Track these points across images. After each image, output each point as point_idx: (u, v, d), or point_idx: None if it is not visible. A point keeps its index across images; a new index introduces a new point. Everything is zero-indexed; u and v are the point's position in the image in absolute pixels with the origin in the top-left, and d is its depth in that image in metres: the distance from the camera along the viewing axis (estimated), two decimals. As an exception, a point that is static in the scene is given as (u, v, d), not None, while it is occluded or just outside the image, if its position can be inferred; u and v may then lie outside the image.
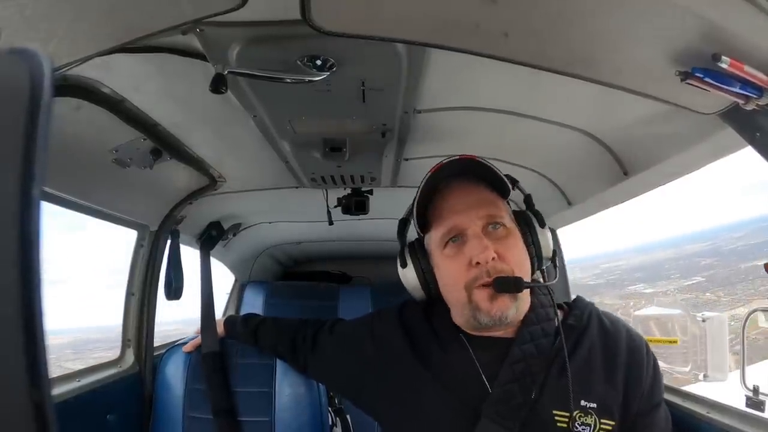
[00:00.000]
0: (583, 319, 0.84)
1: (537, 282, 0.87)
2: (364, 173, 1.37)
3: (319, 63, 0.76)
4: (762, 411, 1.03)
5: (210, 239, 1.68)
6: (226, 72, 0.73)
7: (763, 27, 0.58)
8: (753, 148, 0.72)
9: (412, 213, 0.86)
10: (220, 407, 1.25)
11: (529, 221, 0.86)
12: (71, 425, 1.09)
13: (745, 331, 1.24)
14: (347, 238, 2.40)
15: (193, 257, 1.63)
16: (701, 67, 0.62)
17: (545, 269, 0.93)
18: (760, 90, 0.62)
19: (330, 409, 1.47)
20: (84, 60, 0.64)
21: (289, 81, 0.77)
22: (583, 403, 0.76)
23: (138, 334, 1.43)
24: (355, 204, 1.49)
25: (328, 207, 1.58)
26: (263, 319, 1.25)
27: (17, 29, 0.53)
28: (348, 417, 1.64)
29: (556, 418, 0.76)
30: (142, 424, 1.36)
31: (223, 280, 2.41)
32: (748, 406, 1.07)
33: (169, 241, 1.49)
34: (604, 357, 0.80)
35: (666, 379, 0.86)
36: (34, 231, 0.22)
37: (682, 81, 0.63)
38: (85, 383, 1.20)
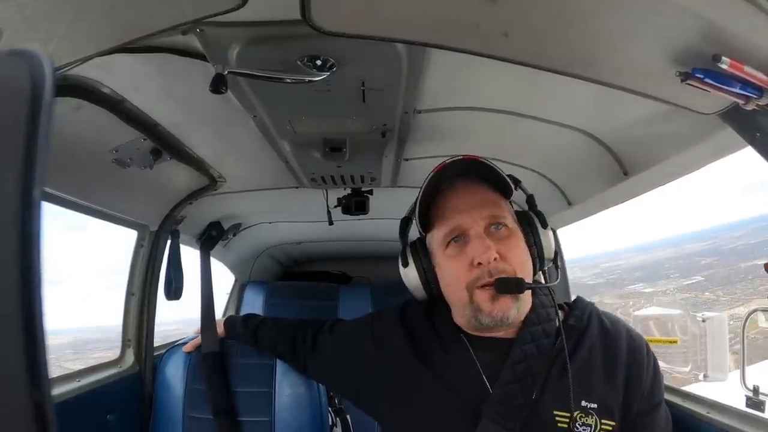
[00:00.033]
0: (583, 319, 0.84)
1: (538, 283, 0.87)
2: (364, 173, 1.37)
3: (319, 63, 0.76)
4: (762, 411, 1.03)
5: (210, 239, 1.68)
6: (226, 72, 0.73)
7: (763, 27, 0.58)
8: (753, 148, 0.72)
9: (414, 212, 0.86)
10: (220, 407, 1.25)
11: (531, 222, 0.86)
12: (71, 425, 1.09)
13: (745, 331, 1.24)
14: (347, 238, 2.40)
15: (193, 257, 1.63)
16: (701, 67, 0.62)
17: (546, 270, 0.93)
18: (760, 90, 0.62)
19: (330, 409, 1.47)
20: (84, 60, 0.64)
21: (289, 81, 0.77)
22: (583, 403, 0.76)
23: (138, 334, 1.43)
24: (355, 204, 1.49)
25: (328, 207, 1.58)
26: (263, 320, 1.25)
27: (17, 29, 0.53)
28: (348, 417, 1.64)
29: (557, 418, 0.76)
30: (142, 424, 1.36)
31: (223, 280, 2.41)
32: (748, 406, 1.07)
33: (169, 241, 1.49)
34: (604, 357, 0.80)
35: (666, 379, 0.87)
36: (35, 231, 0.22)
37: (683, 81, 0.63)
38: (85, 383, 1.20)
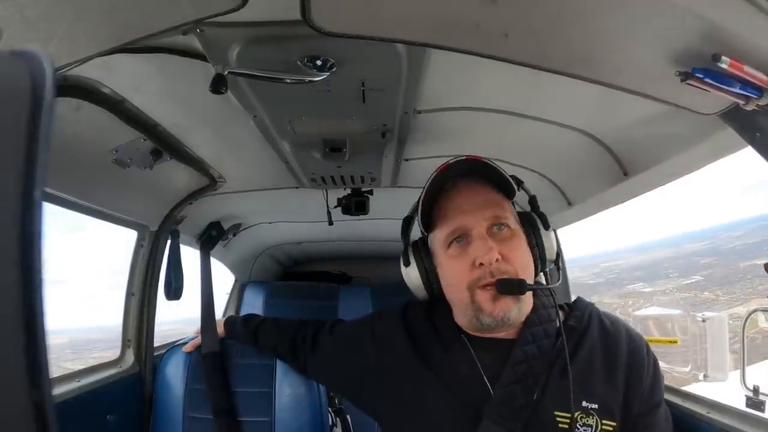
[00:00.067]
0: (583, 320, 0.84)
1: (540, 284, 0.87)
2: (364, 173, 1.37)
3: (319, 63, 0.76)
4: (762, 411, 1.03)
5: (210, 239, 1.68)
6: (226, 72, 0.73)
7: (763, 27, 0.58)
8: (753, 148, 0.72)
9: (417, 212, 0.86)
10: (220, 407, 1.25)
11: (533, 223, 0.86)
12: (71, 425, 1.09)
13: (745, 331, 1.23)
14: (347, 239, 2.40)
15: (193, 257, 1.63)
16: (701, 67, 0.62)
17: (548, 271, 0.93)
18: (760, 90, 0.62)
19: (330, 409, 1.47)
20: (84, 60, 0.64)
21: (289, 81, 0.77)
22: (584, 404, 0.76)
23: (138, 335, 1.43)
24: (355, 204, 1.49)
25: (328, 207, 1.58)
26: (263, 320, 1.25)
27: (18, 29, 0.53)
28: (348, 417, 1.64)
29: (558, 419, 0.76)
30: (142, 424, 1.36)
31: (223, 280, 2.41)
32: (748, 406, 1.07)
33: (169, 242, 1.49)
34: (604, 358, 0.80)
35: (666, 379, 0.86)
36: (36, 231, 0.22)
37: (682, 81, 0.63)
38: (85, 383, 1.20)
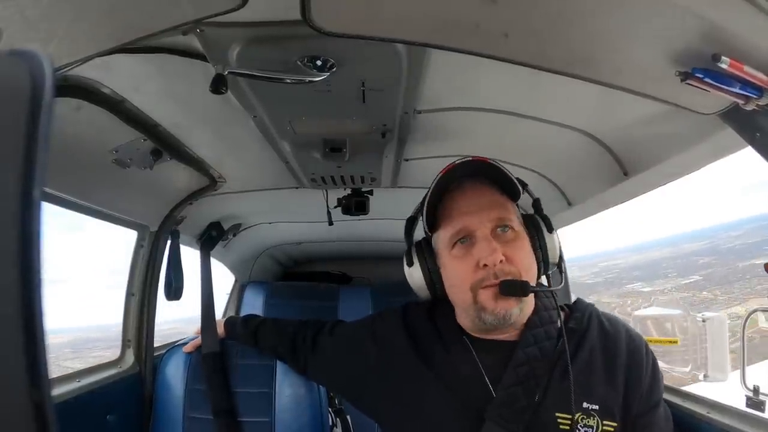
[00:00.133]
0: (583, 321, 0.84)
1: (543, 286, 0.87)
2: (364, 174, 1.37)
3: (319, 63, 0.76)
4: (762, 411, 1.03)
5: (210, 239, 1.68)
6: (226, 72, 0.73)
7: (763, 27, 0.58)
8: (753, 148, 0.72)
9: (421, 212, 0.86)
10: (220, 408, 1.25)
11: (537, 225, 0.86)
12: (71, 425, 1.09)
13: (745, 330, 1.23)
14: (347, 239, 2.40)
15: (193, 258, 1.63)
16: (701, 67, 0.62)
17: (550, 273, 0.93)
18: (760, 90, 0.62)
19: (330, 409, 1.47)
20: (84, 60, 0.64)
21: (289, 81, 0.77)
22: (585, 405, 0.76)
23: (138, 335, 1.43)
24: (355, 204, 1.49)
25: (328, 207, 1.58)
26: (263, 320, 1.25)
27: (18, 29, 0.53)
28: (348, 417, 1.63)
29: (559, 420, 0.76)
30: (142, 424, 1.36)
31: (223, 280, 2.41)
32: (748, 406, 1.07)
33: (169, 242, 1.49)
34: (604, 359, 0.80)
35: (666, 379, 0.87)
36: (35, 231, 0.22)
37: (682, 81, 0.63)
38: (85, 383, 1.20)
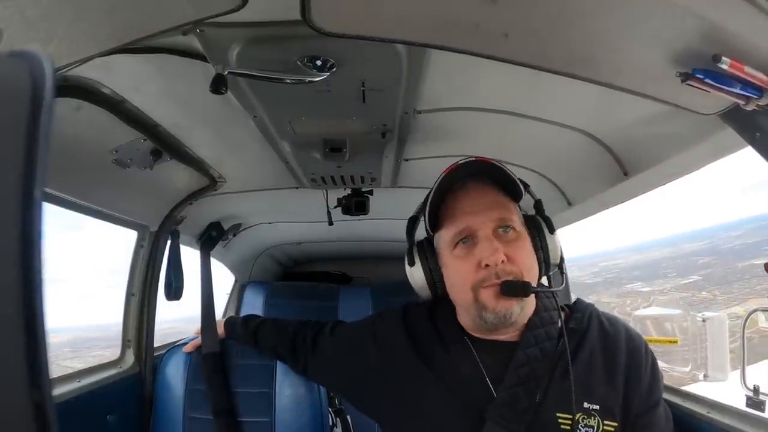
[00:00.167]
0: (584, 321, 0.84)
1: (544, 287, 0.88)
2: (364, 174, 1.37)
3: (319, 63, 0.76)
4: (762, 411, 1.03)
5: (210, 239, 1.68)
6: (226, 72, 0.73)
7: (763, 27, 0.58)
8: (753, 148, 0.72)
9: (424, 211, 0.86)
10: (220, 408, 1.25)
11: (538, 226, 0.86)
12: (71, 425, 1.09)
13: (745, 330, 1.23)
14: (347, 239, 2.40)
15: (193, 258, 1.63)
16: (701, 67, 0.62)
17: (551, 273, 0.93)
18: (760, 90, 0.62)
19: (330, 409, 1.47)
20: (84, 60, 0.64)
21: (289, 81, 0.77)
22: (585, 405, 0.76)
23: (138, 335, 1.43)
24: (355, 204, 1.49)
25: (328, 207, 1.58)
26: (263, 321, 1.25)
27: (18, 29, 0.53)
28: (348, 417, 1.64)
29: (560, 420, 0.76)
30: (142, 424, 1.36)
31: (223, 280, 2.41)
32: (748, 406, 1.06)
33: (169, 242, 1.49)
34: (604, 359, 0.80)
35: (666, 379, 0.86)
36: (36, 231, 0.22)
37: (683, 82, 0.63)
38: (86, 383, 1.20)
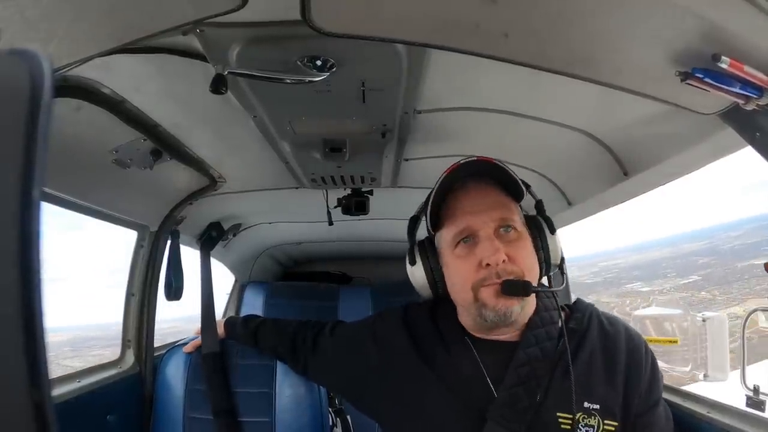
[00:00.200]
0: (584, 321, 0.84)
1: (544, 287, 0.88)
2: (364, 174, 1.37)
3: (319, 63, 0.76)
4: (762, 411, 1.03)
5: (210, 240, 1.68)
6: (226, 72, 0.73)
7: (763, 27, 0.58)
8: (753, 148, 0.72)
9: (425, 211, 0.86)
10: (220, 408, 1.25)
11: (539, 226, 0.87)
12: (71, 425, 1.09)
13: (745, 330, 1.23)
14: (347, 239, 2.40)
15: (193, 258, 1.63)
16: (701, 67, 0.62)
17: (552, 274, 0.93)
18: (760, 90, 0.62)
19: (330, 409, 1.47)
20: (84, 60, 0.64)
21: (289, 81, 0.77)
22: (586, 404, 0.76)
23: (138, 335, 1.43)
24: (355, 204, 1.49)
25: (328, 207, 1.58)
26: (263, 321, 1.25)
27: (17, 30, 0.53)
28: (348, 417, 1.64)
29: (560, 420, 0.76)
30: (142, 424, 1.36)
31: (223, 280, 2.41)
32: (748, 405, 1.06)
33: (169, 242, 1.49)
34: (604, 359, 0.80)
35: (666, 379, 0.86)
36: (35, 231, 0.22)
37: (683, 81, 0.63)
38: (86, 384, 1.20)
